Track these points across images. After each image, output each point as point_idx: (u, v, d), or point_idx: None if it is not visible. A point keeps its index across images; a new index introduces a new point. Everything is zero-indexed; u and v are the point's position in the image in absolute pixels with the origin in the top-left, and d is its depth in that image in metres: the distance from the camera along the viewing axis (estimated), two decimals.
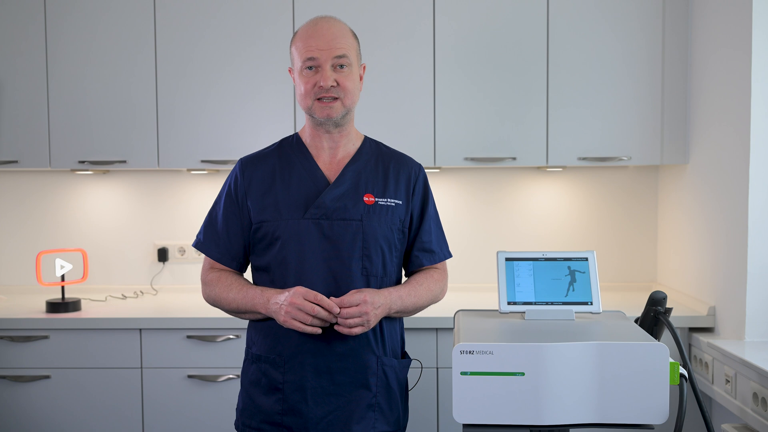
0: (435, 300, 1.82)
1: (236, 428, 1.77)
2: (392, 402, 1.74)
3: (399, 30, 2.70)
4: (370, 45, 2.58)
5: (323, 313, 1.59)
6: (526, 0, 2.68)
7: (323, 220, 1.69)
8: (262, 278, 1.74)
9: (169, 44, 2.73)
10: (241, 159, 1.80)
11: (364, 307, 1.60)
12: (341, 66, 1.68)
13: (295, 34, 1.74)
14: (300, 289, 1.61)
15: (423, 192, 1.81)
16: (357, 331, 1.61)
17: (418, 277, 1.79)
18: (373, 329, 1.70)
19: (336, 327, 1.62)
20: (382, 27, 2.69)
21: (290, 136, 1.82)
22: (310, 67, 1.67)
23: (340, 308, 1.60)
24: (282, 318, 1.61)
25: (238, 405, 1.78)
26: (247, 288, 1.71)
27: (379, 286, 1.71)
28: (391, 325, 1.76)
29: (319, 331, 1.61)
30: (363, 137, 1.82)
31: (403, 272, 1.86)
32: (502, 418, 1.20)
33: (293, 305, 1.59)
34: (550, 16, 2.68)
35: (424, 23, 2.70)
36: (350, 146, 1.78)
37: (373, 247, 1.70)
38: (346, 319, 1.60)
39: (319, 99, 1.67)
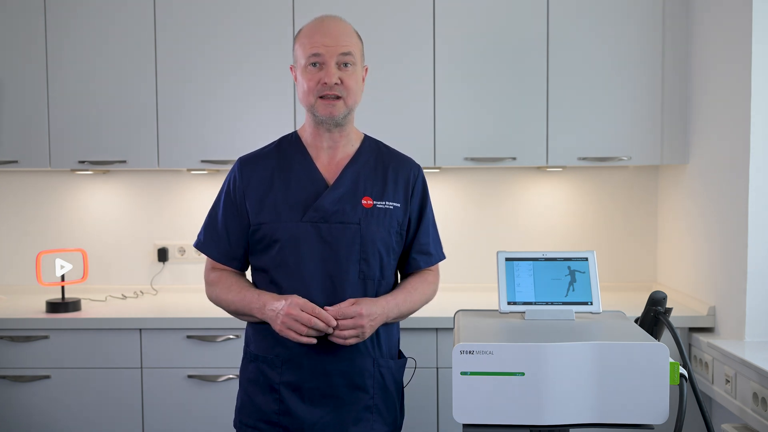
0: (427, 302, 1.82)
1: (234, 426, 1.77)
2: (389, 403, 1.74)
3: (399, 30, 2.70)
4: (370, 45, 2.57)
5: (320, 325, 1.58)
6: (526, 0, 2.69)
7: (321, 224, 1.68)
8: (262, 278, 1.73)
9: (170, 44, 2.73)
10: (239, 158, 1.79)
11: (360, 320, 1.60)
12: (345, 64, 1.67)
13: (299, 31, 1.73)
14: (297, 300, 1.60)
15: (422, 194, 1.80)
16: (352, 341, 1.61)
17: (413, 282, 1.78)
18: None
19: (330, 338, 1.61)
20: (382, 27, 2.69)
21: (289, 134, 1.81)
22: (314, 64, 1.66)
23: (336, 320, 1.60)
24: (278, 327, 1.60)
25: (237, 403, 1.78)
26: (245, 291, 1.71)
27: (377, 290, 1.70)
28: (388, 326, 1.75)
29: (314, 341, 1.61)
30: (363, 137, 1.81)
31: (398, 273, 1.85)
32: (502, 418, 1.20)
33: (290, 316, 1.58)
34: (550, 15, 2.68)
35: (425, 23, 2.69)
36: (349, 147, 1.77)
37: (371, 251, 1.69)
38: (342, 330, 1.60)
39: (321, 97, 1.66)
